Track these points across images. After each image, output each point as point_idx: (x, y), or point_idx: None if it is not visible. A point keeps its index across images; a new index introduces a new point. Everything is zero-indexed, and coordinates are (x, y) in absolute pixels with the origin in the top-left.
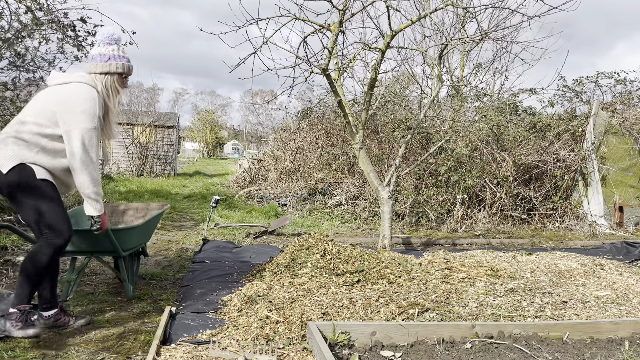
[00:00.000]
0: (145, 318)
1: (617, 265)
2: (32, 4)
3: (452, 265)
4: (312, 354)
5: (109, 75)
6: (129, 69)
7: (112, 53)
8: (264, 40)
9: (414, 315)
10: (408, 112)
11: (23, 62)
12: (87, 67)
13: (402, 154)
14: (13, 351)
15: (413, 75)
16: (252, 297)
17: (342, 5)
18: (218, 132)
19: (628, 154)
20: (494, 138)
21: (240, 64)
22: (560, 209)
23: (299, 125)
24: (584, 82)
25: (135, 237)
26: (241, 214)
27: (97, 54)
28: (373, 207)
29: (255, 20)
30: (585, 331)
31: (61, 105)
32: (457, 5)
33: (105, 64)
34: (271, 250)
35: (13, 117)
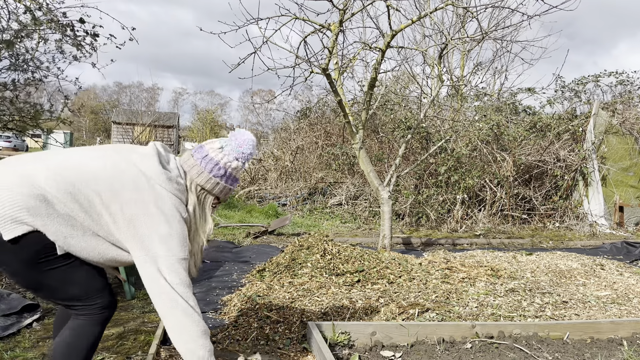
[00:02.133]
0: (145, 318)
1: (617, 265)
2: (31, 3)
3: (452, 265)
4: (312, 354)
5: (206, 195)
6: (222, 197)
7: (233, 172)
8: (264, 40)
9: (414, 315)
10: (408, 112)
11: (22, 62)
12: (186, 162)
13: (402, 154)
14: (13, 351)
15: (413, 75)
16: (252, 297)
17: (342, 5)
18: (218, 131)
19: (628, 154)
20: (494, 138)
21: (240, 63)
22: (560, 208)
23: (299, 125)
24: (584, 81)
25: None
26: (241, 214)
27: (216, 160)
28: (373, 207)
29: (255, 20)
30: (585, 331)
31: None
32: (457, 5)
33: (212, 179)
34: (271, 250)
35: (13, 116)
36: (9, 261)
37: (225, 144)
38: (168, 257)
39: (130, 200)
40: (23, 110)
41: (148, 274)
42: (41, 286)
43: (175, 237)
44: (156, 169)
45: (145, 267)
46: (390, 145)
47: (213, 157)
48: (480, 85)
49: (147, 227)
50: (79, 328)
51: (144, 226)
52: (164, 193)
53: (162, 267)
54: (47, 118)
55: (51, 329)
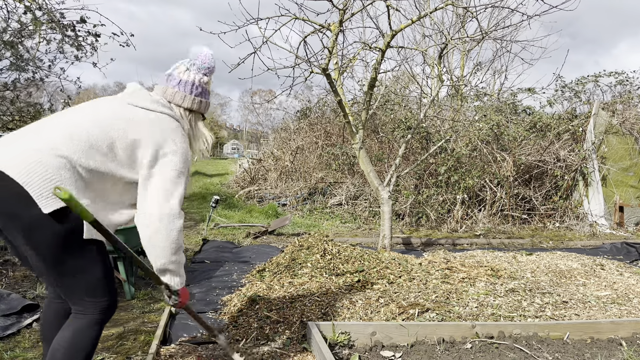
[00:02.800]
0: (145, 318)
1: (617, 265)
2: (31, 3)
3: (452, 265)
4: (312, 354)
5: (192, 114)
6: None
7: (205, 87)
8: (264, 40)
9: (414, 316)
10: (408, 112)
11: (22, 62)
12: (164, 91)
13: (402, 154)
14: (13, 351)
15: (413, 75)
16: (252, 297)
17: (342, 5)
18: (218, 131)
19: (628, 154)
20: (494, 138)
21: (240, 63)
22: (560, 209)
23: (299, 125)
24: (584, 81)
25: (135, 237)
26: (241, 214)
27: (189, 81)
28: (373, 207)
29: (255, 20)
30: (585, 331)
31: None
32: (457, 5)
33: (193, 100)
34: (271, 250)
35: (12, 116)
36: (43, 238)
37: (190, 65)
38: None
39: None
40: (23, 110)
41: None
42: (65, 269)
43: (179, 154)
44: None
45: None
46: (390, 145)
47: (187, 80)
48: (480, 85)
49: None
50: (81, 327)
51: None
52: (163, 117)
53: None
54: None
55: None
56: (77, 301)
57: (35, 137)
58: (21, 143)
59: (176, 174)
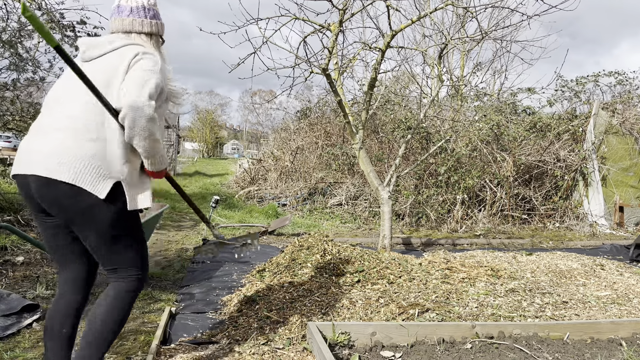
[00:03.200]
0: (145, 318)
1: (617, 265)
2: (31, 3)
3: (452, 265)
4: (312, 354)
5: (153, 38)
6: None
7: (155, 9)
8: (264, 40)
9: (414, 316)
10: (408, 112)
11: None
12: (120, 25)
13: (402, 154)
14: (13, 351)
15: (413, 75)
16: (252, 297)
17: (342, 5)
18: (218, 132)
19: (628, 154)
20: (494, 138)
21: (240, 63)
22: (560, 209)
23: (299, 125)
24: (584, 81)
25: None
26: (241, 214)
27: (138, 6)
28: (373, 207)
29: (255, 20)
30: (585, 331)
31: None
32: (457, 5)
33: (150, 23)
34: (271, 250)
35: (13, 116)
36: (103, 218)
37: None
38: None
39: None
40: (23, 110)
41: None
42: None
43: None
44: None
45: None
46: (390, 145)
47: (137, 5)
48: (480, 85)
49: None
50: (120, 293)
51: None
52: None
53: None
54: None
55: None
56: (121, 270)
57: (56, 134)
58: (49, 143)
59: (146, 70)
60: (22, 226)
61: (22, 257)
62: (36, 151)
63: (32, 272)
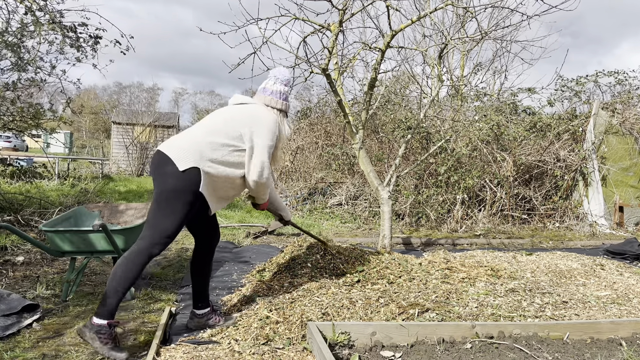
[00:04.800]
0: (145, 318)
1: (617, 265)
2: (32, 4)
3: (452, 265)
4: (312, 354)
5: (282, 113)
6: (288, 111)
7: (287, 94)
8: (264, 40)
9: (414, 316)
10: (408, 112)
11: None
12: (262, 99)
13: (402, 154)
14: (13, 351)
15: (413, 75)
16: (252, 297)
17: (342, 5)
18: None
19: (628, 154)
20: (494, 138)
21: (240, 63)
22: (560, 209)
23: (299, 125)
24: (583, 81)
25: (135, 237)
26: (241, 214)
27: (277, 91)
28: (373, 207)
29: (255, 20)
30: (585, 331)
31: (249, 125)
32: (456, 5)
33: (283, 103)
34: (271, 250)
35: (13, 117)
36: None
37: (275, 79)
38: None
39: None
40: (24, 110)
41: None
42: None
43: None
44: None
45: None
46: (390, 145)
47: (276, 90)
48: (480, 85)
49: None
50: (140, 250)
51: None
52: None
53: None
54: (49, 118)
55: (51, 329)
56: (149, 232)
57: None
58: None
59: (264, 147)
60: (22, 226)
61: (22, 257)
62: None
63: (32, 272)
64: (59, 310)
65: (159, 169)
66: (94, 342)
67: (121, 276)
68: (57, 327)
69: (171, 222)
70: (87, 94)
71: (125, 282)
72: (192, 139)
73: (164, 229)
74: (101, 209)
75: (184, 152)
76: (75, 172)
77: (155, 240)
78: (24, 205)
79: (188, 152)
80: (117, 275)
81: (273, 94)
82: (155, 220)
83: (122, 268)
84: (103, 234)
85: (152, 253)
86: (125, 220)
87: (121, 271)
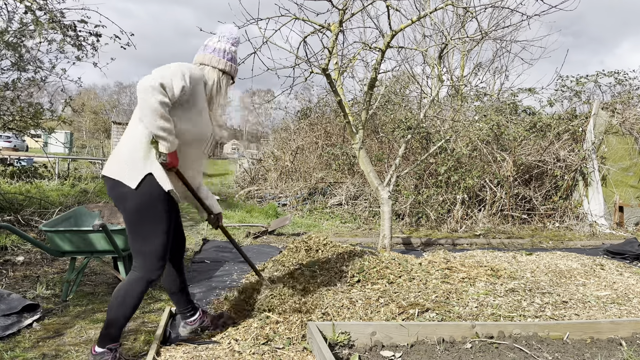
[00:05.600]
0: (145, 318)
1: (617, 265)
2: (32, 3)
3: (452, 265)
4: (312, 354)
5: (225, 74)
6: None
7: (234, 55)
8: (264, 40)
9: (414, 315)
10: (408, 112)
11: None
12: (199, 58)
13: (402, 154)
14: (13, 351)
15: (413, 75)
16: (252, 296)
17: (342, 5)
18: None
19: (628, 154)
20: (494, 138)
21: (240, 63)
22: (560, 209)
23: (299, 125)
24: (583, 81)
25: None
26: (241, 214)
27: (221, 49)
28: (373, 207)
29: (255, 20)
30: (585, 331)
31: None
32: (457, 5)
33: (226, 62)
34: (271, 250)
35: (13, 116)
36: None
37: (221, 36)
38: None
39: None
40: (24, 110)
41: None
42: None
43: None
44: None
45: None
46: (390, 145)
47: (220, 48)
48: (480, 85)
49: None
50: (136, 279)
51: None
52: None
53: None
54: (48, 118)
55: (51, 329)
56: (140, 260)
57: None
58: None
59: (166, 69)
60: (22, 226)
61: (23, 257)
62: None
63: (33, 272)
64: (59, 310)
65: (114, 195)
66: None
67: (121, 304)
68: (57, 327)
69: (156, 243)
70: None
71: (125, 311)
72: (118, 151)
73: (152, 253)
74: (101, 209)
75: (124, 168)
76: (75, 172)
77: (149, 266)
78: (24, 205)
79: (126, 164)
80: (115, 305)
81: (215, 52)
82: (140, 247)
83: (121, 298)
84: (103, 234)
85: (150, 279)
86: None
87: (120, 301)
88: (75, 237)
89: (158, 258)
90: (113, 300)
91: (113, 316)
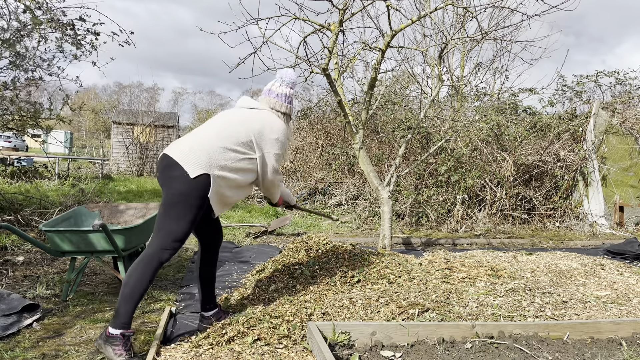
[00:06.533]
0: (145, 318)
1: (617, 265)
2: (31, 2)
3: (452, 265)
4: (312, 354)
5: (285, 116)
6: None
7: (292, 97)
8: (264, 40)
9: (414, 315)
10: (408, 112)
11: (22, 61)
12: (267, 101)
13: (402, 154)
14: (13, 351)
15: (413, 74)
16: (252, 296)
17: (342, 5)
18: None
19: (628, 154)
20: (494, 138)
21: (240, 63)
22: (560, 208)
23: (299, 125)
24: (584, 81)
25: (135, 237)
26: (241, 214)
27: (283, 93)
28: (373, 207)
29: (255, 20)
30: (585, 331)
31: (259, 134)
32: (457, 5)
33: (287, 106)
34: (271, 250)
35: (12, 116)
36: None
37: (281, 81)
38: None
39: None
40: (23, 109)
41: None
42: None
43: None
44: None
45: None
46: (390, 145)
47: (281, 92)
48: (480, 85)
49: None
50: (151, 254)
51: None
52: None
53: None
54: (48, 117)
55: (51, 329)
56: (159, 236)
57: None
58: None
59: (280, 148)
60: (22, 226)
61: (23, 257)
62: None
63: (33, 272)
64: (59, 310)
65: (167, 173)
66: (108, 353)
67: (135, 284)
68: (57, 327)
69: (180, 226)
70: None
71: (138, 289)
72: (201, 143)
73: (173, 233)
74: (101, 209)
75: (194, 158)
76: (75, 172)
77: (165, 245)
78: (24, 205)
79: (198, 157)
80: (129, 284)
81: (279, 97)
82: (164, 225)
83: (134, 276)
84: (103, 234)
85: (162, 258)
86: (125, 220)
87: (134, 279)
88: (75, 237)
89: (175, 239)
90: (129, 277)
91: (127, 294)
